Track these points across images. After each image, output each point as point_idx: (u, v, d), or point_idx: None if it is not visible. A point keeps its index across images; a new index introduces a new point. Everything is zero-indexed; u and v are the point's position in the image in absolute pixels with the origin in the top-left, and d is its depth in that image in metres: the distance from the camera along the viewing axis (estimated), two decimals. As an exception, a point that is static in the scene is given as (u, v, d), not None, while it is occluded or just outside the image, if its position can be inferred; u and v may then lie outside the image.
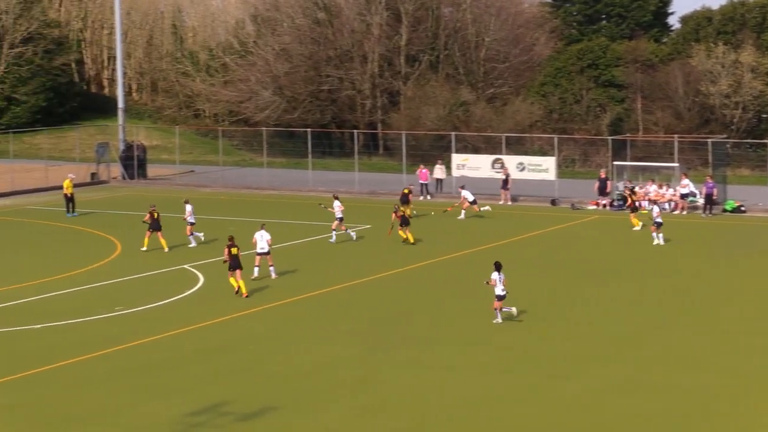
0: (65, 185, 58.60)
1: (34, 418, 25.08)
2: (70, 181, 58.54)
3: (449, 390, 26.94)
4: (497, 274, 33.85)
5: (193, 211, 48.49)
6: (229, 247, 37.98)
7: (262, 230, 40.86)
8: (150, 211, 47.53)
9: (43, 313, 35.37)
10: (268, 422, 24.57)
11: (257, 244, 40.61)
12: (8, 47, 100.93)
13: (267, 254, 40.82)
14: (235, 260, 37.84)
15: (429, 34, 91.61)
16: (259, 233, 40.73)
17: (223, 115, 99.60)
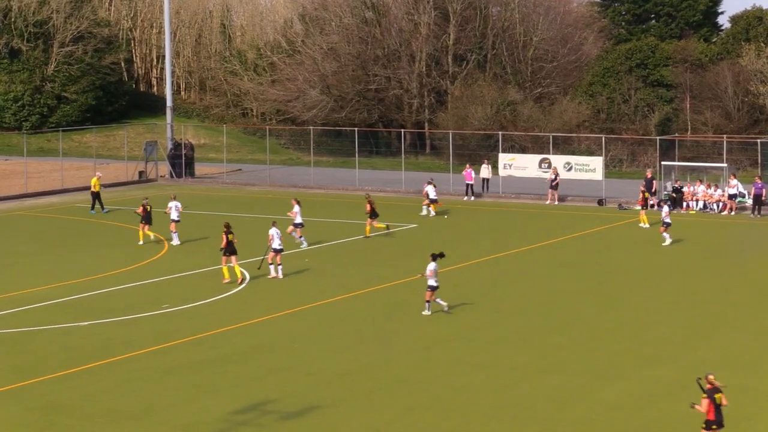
0: (93, 183, 59.10)
1: (83, 414, 25.25)
2: (97, 179, 58.96)
3: (494, 390, 26.86)
4: (434, 264, 34.48)
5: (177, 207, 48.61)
6: (225, 234, 39.35)
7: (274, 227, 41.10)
8: (143, 204, 48.67)
9: (90, 311, 35.61)
10: (312, 421, 24.60)
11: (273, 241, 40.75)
12: (59, 46, 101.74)
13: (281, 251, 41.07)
14: (230, 246, 39.29)
15: (477, 33, 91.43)
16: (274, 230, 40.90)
17: (271, 114, 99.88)
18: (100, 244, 48.91)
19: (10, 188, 68.67)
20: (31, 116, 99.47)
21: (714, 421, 21.81)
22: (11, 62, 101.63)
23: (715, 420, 21.79)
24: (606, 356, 30.05)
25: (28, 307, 36.40)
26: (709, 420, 21.84)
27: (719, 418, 21.79)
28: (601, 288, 39.63)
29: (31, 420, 24.89)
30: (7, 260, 44.87)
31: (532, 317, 34.82)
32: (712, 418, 21.81)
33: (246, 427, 24.10)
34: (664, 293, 38.68)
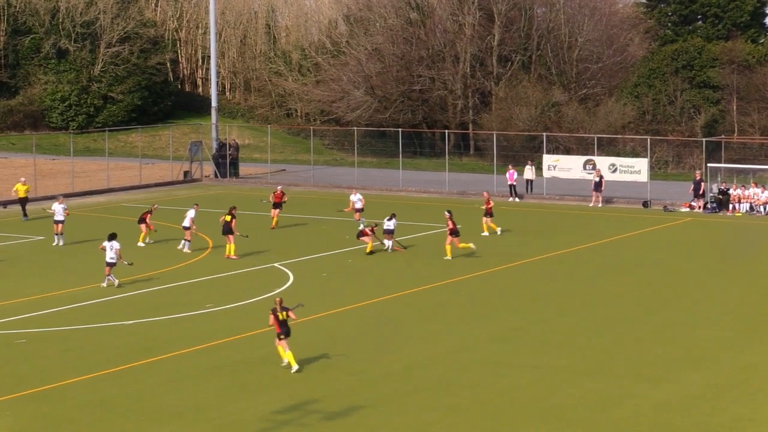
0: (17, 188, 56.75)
1: (127, 413, 25.39)
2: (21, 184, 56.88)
3: (536, 392, 26.76)
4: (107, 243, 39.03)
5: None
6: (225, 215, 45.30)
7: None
8: (152, 208, 49.54)
9: (135, 310, 35.79)
10: (355, 421, 24.61)
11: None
12: (105, 46, 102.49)
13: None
14: (226, 226, 45.04)
15: (521, 34, 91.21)
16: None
17: (315, 115, 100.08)
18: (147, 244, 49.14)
19: (56, 188, 69.10)
20: (78, 116, 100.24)
21: (280, 332, 28.63)
22: (59, 62, 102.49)
23: (280, 332, 28.63)
24: (651, 358, 29.86)
25: (74, 305, 36.65)
26: (277, 332, 28.70)
27: (284, 330, 28.62)
28: (645, 290, 39.40)
29: (77, 417, 25.06)
30: (54, 259, 45.20)
31: (575, 319, 34.69)
32: (278, 330, 28.67)
33: (288, 427, 24.14)
34: (710, 295, 38.43)
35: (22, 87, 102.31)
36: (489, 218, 51.49)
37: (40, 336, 32.79)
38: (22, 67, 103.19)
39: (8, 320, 34.59)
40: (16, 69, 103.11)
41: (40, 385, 27.34)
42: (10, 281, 41.08)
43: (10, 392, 26.76)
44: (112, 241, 39.75)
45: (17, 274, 42.34)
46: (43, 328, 33.65)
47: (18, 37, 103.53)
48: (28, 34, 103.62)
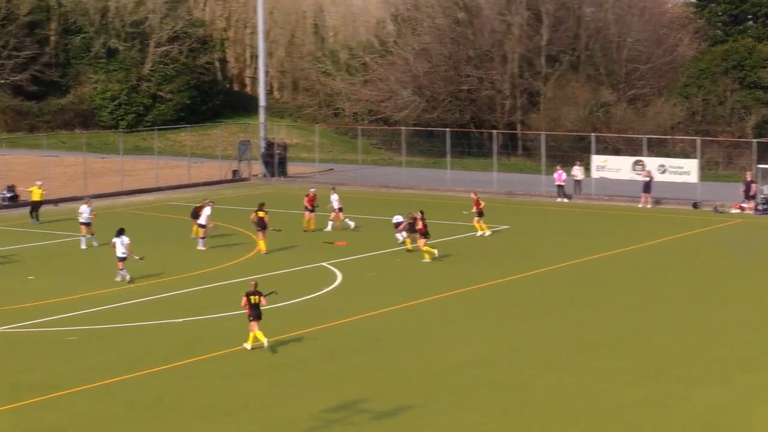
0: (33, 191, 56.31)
1: (178, 410, 25.55)
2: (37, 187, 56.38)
3: (587, 393, 26.66)
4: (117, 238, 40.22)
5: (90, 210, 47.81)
6: (256, 212, 46.06)
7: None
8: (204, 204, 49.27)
9: (186, 308, 35.98)
10: (405, 421, 24.62)
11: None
12: (154, 46, 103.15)
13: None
14: (260, 222, 45.99)
15: (570, 34, 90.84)
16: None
17: (363, 114, 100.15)
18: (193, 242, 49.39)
19: (106, 186, 69.65)
20: (128, 115, 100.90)
21: (250, 314, 30.39)
22: (108, 62, 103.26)
23: (251, 314, 30.37)
24: (706, 360, 29.68)
25: (125, 303, 36.90)
26: (248, 314, 30.46)
27: (255, 313, 30.36)
28: (695, 292, 39.16)
29: (129, 414, 25.24)
30: (104, 257, 45.50)
31: (624, 320, 34.53)
32: (249, 312, 30.44)
33: (339, 426, 24.19)
34: (761, 297, 38.10)
35: (73, 86, 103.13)
36: (480, 218, 51.01)
37: (91, 333, 33.06)
38: (73, 67, 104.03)
39: (60, 317, 34.90)
40: (66, 68, 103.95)
41: (91, 382, 27.56)
42: (60, 279, 41.43)
43: (62, 389, 27.00)
44: (121, 236, 40.62)
45: (67, 272, 42.69)
46: (94, 326, 33.92)
47: (68, 36, 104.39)
48: (78, 34, 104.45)
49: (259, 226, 46.57)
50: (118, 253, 40.56)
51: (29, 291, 39.17)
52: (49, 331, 33.32)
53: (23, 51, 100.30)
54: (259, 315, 30.63)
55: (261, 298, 30.75)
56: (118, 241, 40.53)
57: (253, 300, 30.57)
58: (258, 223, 46.58)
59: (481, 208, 51.12)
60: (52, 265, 44.37)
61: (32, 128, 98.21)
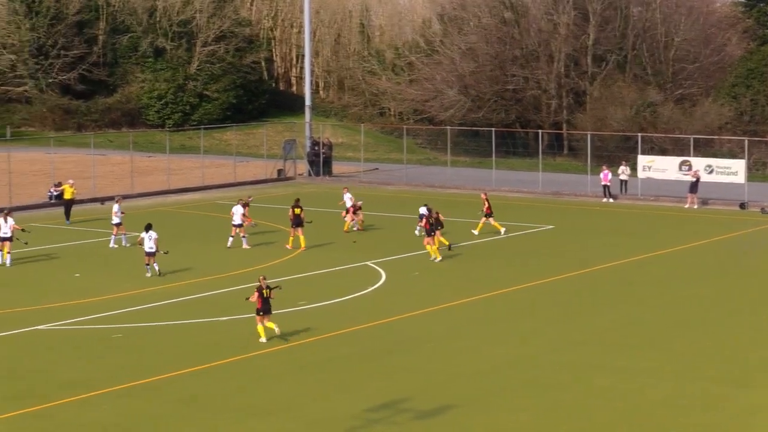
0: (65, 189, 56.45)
1: (218, 409, 25.65)
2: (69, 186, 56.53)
3: (626, 394, 26.54)
4: (145, 233, 40.95)
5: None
6: (293, 209, 46.84)
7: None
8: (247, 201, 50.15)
9: (228, 306, 36.12)
10: (447, 420, 24.60)
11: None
12: (201, 45, 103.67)
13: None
14: (297, 219, 46.52)
15: (617, 33, 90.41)
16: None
17: (408, 114, 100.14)
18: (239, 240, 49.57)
19: (153, 184, 70.07)
20: (174, 114, 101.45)
21: (260, 309, 31.17)
22: (155, 61, 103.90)
23: (261, 308, 31.16)
24: (745, 362, 29.47)
25: (169, 301, 37.09)
26: (257, 308, 31.21)
27: (265, 307, 31.15)
28: (739, 293, 38.86)
29: (169, 413, 25.38)
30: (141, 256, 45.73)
31: (667, 321, 34.33)
32: (259, 307, 31.17)
33: (380, 425, 24.20)
34: (807, 300, 37.80)
35: (120, 85, 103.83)
36: (490, 218, 50.79)
37: (136, 331, 33.27)
38: (120, 66, 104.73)
39: (106, 315, 35.14)
40: (114, 67, 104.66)
41: (134, 380, 27.74)
42: (105, 277, 41.71)
43: (105, 386, 27.19)
44: (149, 231, 41.32)
45: (112, 270, 42.92)
46: (139, 324, 34.14)
47: (116, 36, 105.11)
48: (126, 33, 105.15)
49: (295, 223, 46.90)
50: (146, 248, 41.37)
51: (74, 288, 39.47)
52: (91, 329, 33.56)
53: (72, 50, 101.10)
54: (269, 309, 31.53)
55: (271, 292, 31.56)
56: (146, 236, 41.32)
57: (266, 294, 31.36)
58: (294, 220, 46.95)
59: (489, 207, 50.75)
60: (93, 263, 44.60)
61: (80, 127, 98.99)
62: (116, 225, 47.71)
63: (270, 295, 31.52)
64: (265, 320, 31.43)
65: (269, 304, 31.53)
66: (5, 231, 43.76)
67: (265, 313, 31.47)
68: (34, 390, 27.07)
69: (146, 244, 41.35)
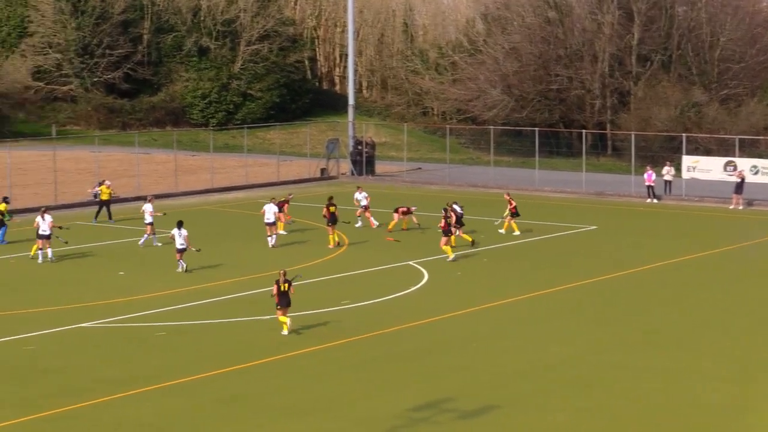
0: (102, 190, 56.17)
1: (258, 408, 25.71)
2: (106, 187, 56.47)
3: (673, 396, 26.39)
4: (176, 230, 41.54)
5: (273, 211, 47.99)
6: (327, 207, 47.33)
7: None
8: (287, 198, 51.75)
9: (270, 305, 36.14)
10: (490, 420, 24.55)
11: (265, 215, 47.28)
12: (245, 44, 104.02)
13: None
14: (333, 217, 47.05)
15: (662, 33, 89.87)
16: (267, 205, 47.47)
17: (451, 113, 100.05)
18: (282, 239, 49.70)
19: (196, 183, 70.38)
20: (218, 113, 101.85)
21: (278, 303, 31.85)
22: (200, 60, 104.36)
23: (279, 302, 31.81)
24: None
25: (210, 300, 37.22)
26: (276, 302, 31.93)
27: (283, 301, 31.79)
28: (787, 295, 38.59)
29: (211, 411, 25.45)
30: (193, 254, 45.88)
31: (712, 323, 34.12)
32: (277, 301, 31.90)
33: (423, 425, 24.18)
34: None
35: (164, 84, 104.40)
36: (514, 218, 50.70)
37: (179, 329, 33.41)
38: (165, 65, 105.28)
39: (148, 313, 35.31)
40: (158, 66, 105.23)
41: (177, 378, 27.86)
42: (147, 275, 41.91)
43: (148, 384, 27.33)
44: (180, 228, 41.91)
45: (154, 269, 43.09)
46: (182, 322, 34.28)
47: (161, 35, 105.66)
48: (170, 32, 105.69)
49: (330, 221, 47.34)
50: (176, 245, 41.94)
51: (117, 287, 39.69)
52: (134, 327, 33.74)
53: (117, 49, 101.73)
54: (288, 302, 32.15)
55: (290, 286, 32.13)
56: (177, 233, 41.86)
57: (283, 287, 31.91)
58: (330, 218, 47.40)
59: (515, 207, 50.67)
60: (136, 262, 44.79)
61: (124, 126, 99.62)
62: (149, 224, 47.93)
63: (289, 290, 32.06)
64: (279, 313, 32.12)
65: (287, 297, 32.12)
66: (44, 229, 44.23)
67: (283, 306, 32.12)
68: (76, 387, 27.24)
69: (177, 241, 41.90)
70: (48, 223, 44.32)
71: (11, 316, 35.28)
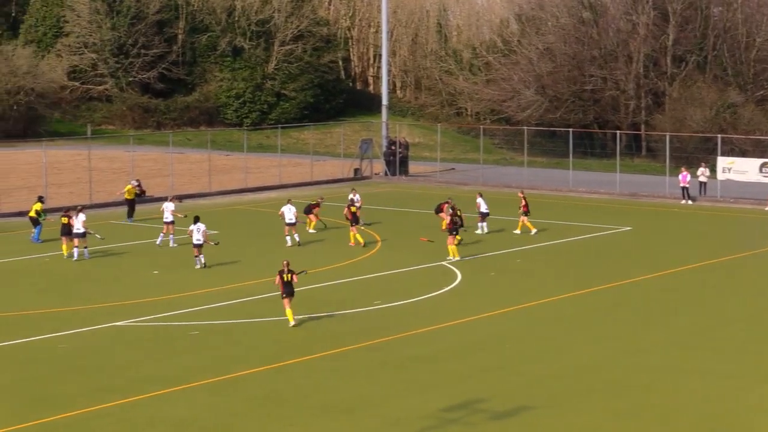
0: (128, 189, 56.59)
1: (297, 406, 25.73)
2: (132, 187, 57.20)
3: (708, 398, 26.24)
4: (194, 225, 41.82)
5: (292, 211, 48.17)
6: (348, 207, 48.16)
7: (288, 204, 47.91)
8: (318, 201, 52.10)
9: (305, 305, 36.21)
10: (523, 421, 24.48)
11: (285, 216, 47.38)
12: (279, 44, 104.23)
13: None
14: (355, 217, 47.48)
15: (697, 33, 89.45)
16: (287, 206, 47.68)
17: (485, 114, 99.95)
18: (314, 239, 49.73)
19: (230, 182, 70.55)
20: (252, 113, 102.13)
21: (283, 292, 32.81)
22: (234, 60, 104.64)
23: (284, 291, 32.75)
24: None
25: (244, 299, 37.30)
26: (281, 291, 32.89)
27: (287, 290, 32.75)
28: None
29: (247, 409, 25.51)
30: (227, 253, 46.03)
31: (749, 325, 33.90)
32: (282, 290, 32.88)
33: (456, 425, 24.15)
34: None
35: (199, 84, 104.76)
36: (525, 217, 50.75)
37: (213, 328, 33.50)
38: (199, 65, 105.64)
39: (182, 312, 35.43)
40: (193, 66, 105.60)
41: (212, 377, 27.93)
42: (181, 274, 42.02)
43: (184, 382, 27.42)
44: (198, 223, 42.24)
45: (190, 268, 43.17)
46: (215, 321, 34.37)
47: (195, 35, 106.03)
48: (205, 33, 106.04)
49: (353, 221, 47.90)
50: (194, 240, 42.24)
51: (150, 285, 39.85)
52: (168, 326, 33.86)
53: (151, 49, 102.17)
54: (292, 292, 33.05)
55: (293, 276, 33.08)
56: (195, 228, 42.17)
57: (286, 278, 32.74)
58: (353, 218, 47.95)
59: (527, 207, 50.65)
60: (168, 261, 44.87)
61: (159, 125, 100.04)
62: (168, 223, 47.99)
63: (292, 279, 32.98)
64: (286, 302, 32.97)
65: (291, 287, 33.02)
66: (78, 227, 44.57)
67: (288, 295, 32.97)
68: (112, 385, 27.36)
69: (194, 236, 42.20)
70: (81, 222, 44.62)
71: (46, 314, 35.49)
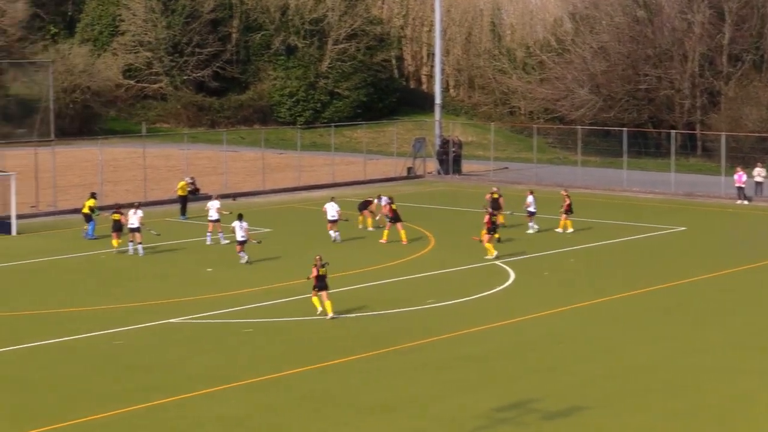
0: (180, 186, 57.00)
1: (345, 404, 25.76)
2: (186, 183, 57.53)
3: (762, 399, 25.97)
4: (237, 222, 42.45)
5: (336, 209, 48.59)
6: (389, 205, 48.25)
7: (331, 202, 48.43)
8: (374, 200, 51.48)
9: (356, 303, 36.27)
10: (576, 422, 24.35)
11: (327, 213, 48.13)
12: (332, 43, 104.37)
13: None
14: (395, 215, 47.66)
15: (753, 32, 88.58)
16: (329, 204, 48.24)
17: (539, 113, 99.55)
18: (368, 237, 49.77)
19: (284, 181, 70.73)
20: (305, 111, 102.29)
21: (316, 285, 33.40)
22: (287, 59, 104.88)
23: (317, 285, 33.39)
24: None
25: (295, 297, 37.29)
26: (315, 285, 33.43)
27: (320, 284, 33.39)
28: None
29: (294, 408, 25.55)
30: (279, 251, 46.17)
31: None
32: (315, 283, 33.50)
33: (507, 425, 24.07)
34: None
35: (252, 82, 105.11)
36: (568, 216, 50.71)
37: (266, 326, 33.62)
38: (253, 63, 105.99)
39: (235, 310, 35.58)
40: (246, 65, 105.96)
41: (262, 375, 28.03)
42: (233, 272, 42.19)
43: (234, 380, 27.52)
44: (241, 221, 42.84)
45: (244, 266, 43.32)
46: (268, 319, 34.48)
47: (249, 33, 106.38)
48: (259, 31, 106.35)
49: (394, 219, 48.08)
50: (237, 237, 42.72)
51: (204, 283, 40.04)
52: (222, 323, 34.00)
53: (206, 48, 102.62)
54: (325, 286, 33.65)
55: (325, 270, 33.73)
56: (238, 225, 42.67)
57: (322, 272, 33.45)
58: (393, 215, 48.13)
59: (569, 205, 50.58)
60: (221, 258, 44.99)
61: (213, 124, 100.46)
62: (214, 221, 48.12)
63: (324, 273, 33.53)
64: (323, 295, 33.57)
65: (324, 281, 33.53)
66: (132, 222, 44.97)
67: (321, 289, 33.59)
68: (164, 382, 27.53)
69: (237, 234, 42.66)
70: (138, 218, 45.02)
71: (101, 311, 35.76)
